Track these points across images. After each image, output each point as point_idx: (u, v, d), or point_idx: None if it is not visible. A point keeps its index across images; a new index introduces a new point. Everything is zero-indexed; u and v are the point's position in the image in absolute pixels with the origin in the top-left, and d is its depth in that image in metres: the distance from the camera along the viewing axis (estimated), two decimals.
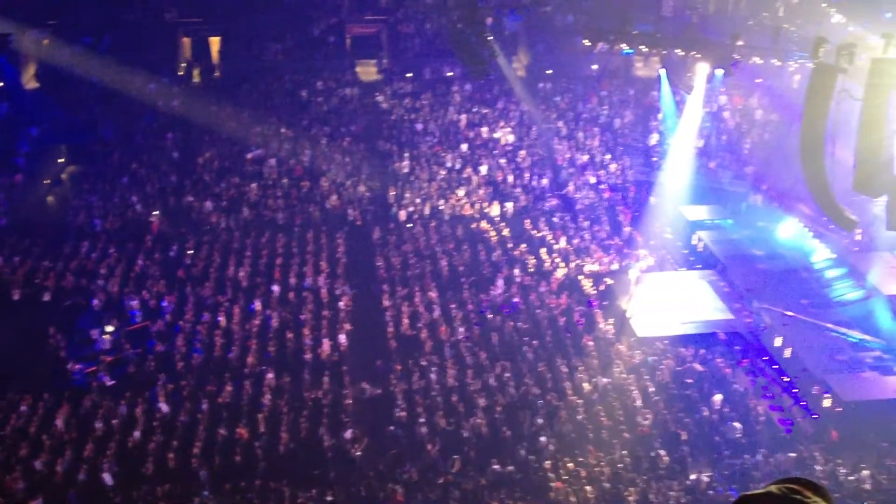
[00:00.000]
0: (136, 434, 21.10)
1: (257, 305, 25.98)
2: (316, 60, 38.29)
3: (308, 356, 23.98)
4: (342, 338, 24.88)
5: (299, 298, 26.56)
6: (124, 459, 20.44)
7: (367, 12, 39.66)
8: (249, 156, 33.76)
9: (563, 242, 30.07)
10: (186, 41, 38.75)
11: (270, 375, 23.04)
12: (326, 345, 24.40)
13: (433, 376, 23.26)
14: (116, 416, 21.69)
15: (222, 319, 25.29)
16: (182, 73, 38.22)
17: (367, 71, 39.39)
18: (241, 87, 37.09)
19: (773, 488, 2.51)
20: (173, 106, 35.41)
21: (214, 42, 38.83)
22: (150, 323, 25.21)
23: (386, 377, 23.30)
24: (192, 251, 28.80)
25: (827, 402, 22.57)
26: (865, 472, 20.27)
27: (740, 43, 25.59)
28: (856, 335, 25.34)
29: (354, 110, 37.06)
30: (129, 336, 24.76)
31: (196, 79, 38.20)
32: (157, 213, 30.71)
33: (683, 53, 29.18)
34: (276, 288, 26.91)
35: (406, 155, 34.27)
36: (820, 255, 29.52)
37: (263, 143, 34.31)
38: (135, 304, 25.82)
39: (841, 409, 22.49)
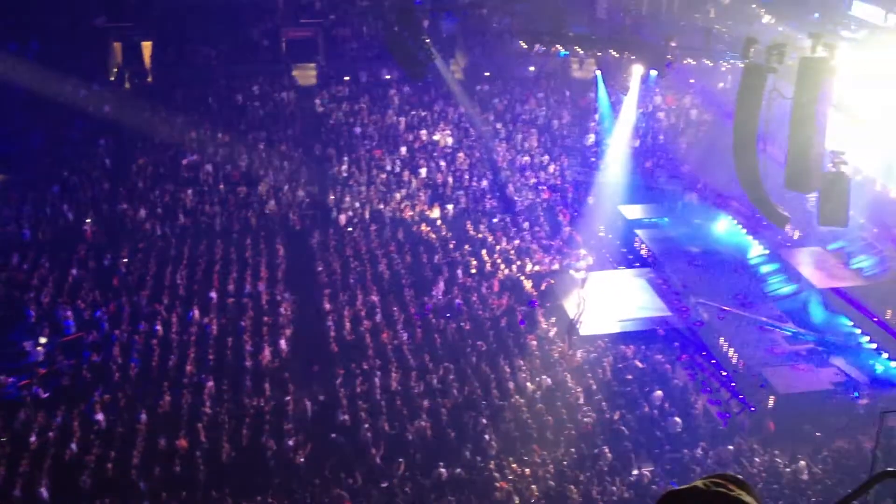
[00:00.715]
0: (73, 446, 20.57)
1: (196, 313, 25.55)
2: (251, 64, 37.88)
3: (249, 363, 23.66)
4: (283, 344, 24.61)
5: (239, 305, 26.20)
6: (61, 473, 19.90)
7: (303, 16, 39.39)
8: (185, 161, 33.22)
9: (503, 243, 30.21)
10: (117, 46, 38.00)
11: (210, 384, 22.66)
12: (267, 351, 24.11)
13: (376, 380, 23.13)
14: (52, 429, 21.13)
15: (160, 328, 24.81)
16: (113, 78, 37.47)
17: (304, 75, 39.11)
18: (175, 92, 36.49)
19: (698, 483, 2.65)
20: (105, 112, 34.66)
21: (146, 47, 38.16)
22: (85, 334, 24.62)
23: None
24: (126, 260, 28.19)
25: (770, 402, 23.02)
26: (802, 464, 20.71)
27: (673, 44, 25.97)
28: (790, 328, 25.93)
29: (292, 114, 36.75)
30: (64, 347, 24.14)
31: (128, 84, 37.49)
32: (90, 221, 30.02)
33: (618, 55, 29.53)
34: (214, 295, 26.50)
35: (345, 159, 34.09)
36: (754, 251, 30.14)
37: (199, 149, 33.80)
38: (69, 314, 25.18)
39: (777, 401, 22.98)
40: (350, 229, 31.01)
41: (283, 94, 37.51)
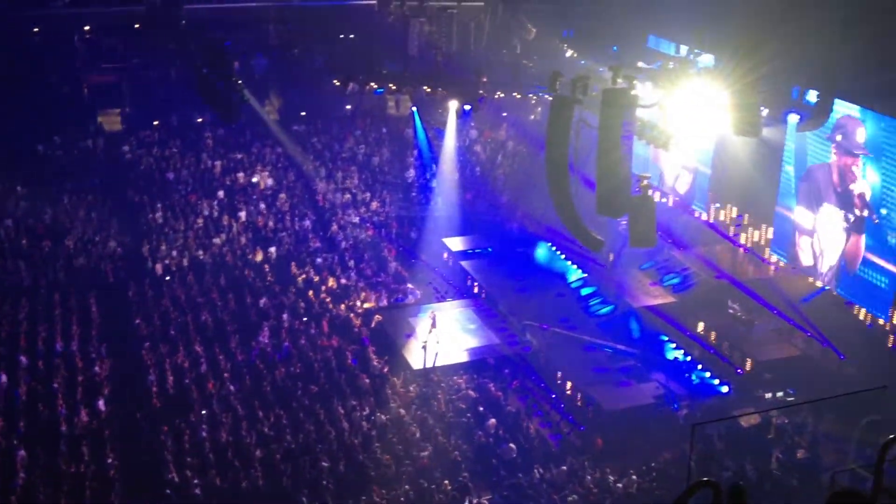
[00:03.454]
0: None
1: (3, 378, 23.72)
2: (52, 112, 35.87)
3: (64, 427, 22.14)
4: (101, 404, 23.22)
5: (50, 367, 24.53)
6: None
7: (104, 60, 37.77)
8: None
9: (330, 283, 29.92)
10: None
11: (22, 453, 21.03)
12: (84, 413, 22.66)
13: (204, 433, 22.19)
14: None
15: None
16: None
17: (111, 121, 37.49)
18: None
19: None
20: None
21: None
22: None
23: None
24: None
25: (598, 420, 23.75)
26: (633, 478, 21.44)
27: (484, 79, 26.73)
28: (612, 347, 26.95)
29: (99, 163, 35.08)
30: None
31: None
32: None
33: (432, 91, 30.06)
34: (23, 358, 24.70)
35: (158, 206, 32.84)
36: (573, 275, 31.25)
37: None
38: None
39: (604, 418, 23.77)
40: (168, 278, 29.83)
41: (89, 141, 35.79)
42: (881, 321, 22.81)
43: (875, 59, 19.45)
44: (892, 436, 4.41)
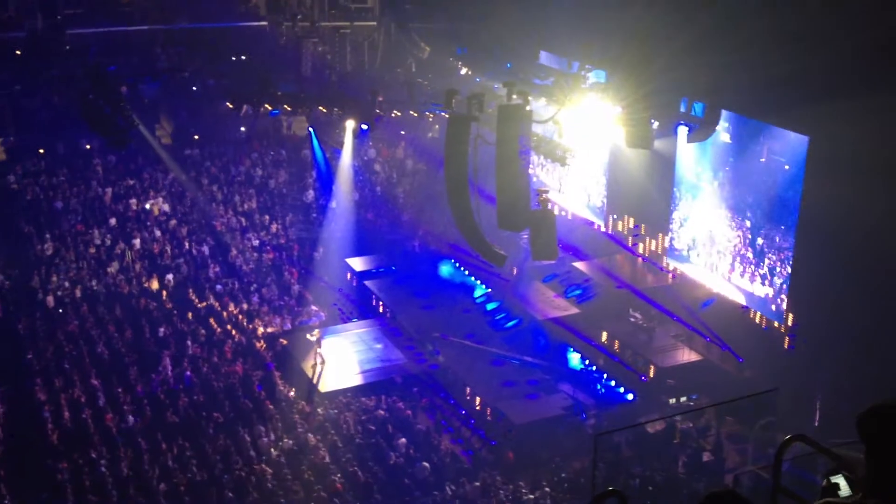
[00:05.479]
0: None
1: None
2: None
3: None
4: None
5: None
6: None
7: None
8: None
9: (231, 308, 29.33)
10: None
11: None
12: None
13: (104, 469, 21.36)
14: None
15: None
16: None
17: None
18: None
19: None
20: None
21: None
22: None
23: None
24: None
25: (509, 434, 23.86)
26: (547, 490, 21.60)
27: (380, 98, 26.67)
28: (520, 359, 27.15)
29: None
30: None
31: None
32: None
33: (328, 111, 29.85)
34: None
35: (47, 236, 31.62)
36: (478, 290, 31.41)
37: None
38: None
39: (514, 431, 23.89)
40: (61, 311, 28.72)
41: None
42: (776, 324, 23.63)
43: (759, 71, 20.23)
44: (788, 436, 4.52)
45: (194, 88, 36.88)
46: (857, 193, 18.64)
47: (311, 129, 35.45)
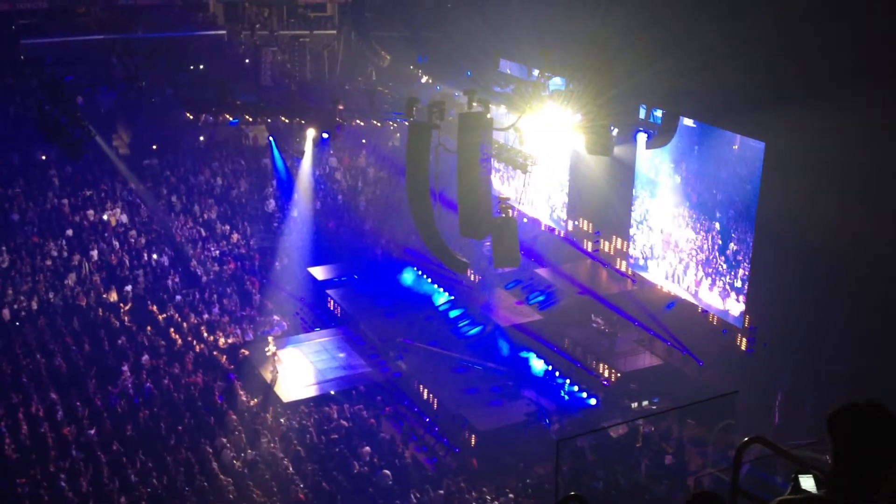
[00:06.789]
0: None
1: None
2: None
3: None
4: None
5: None
6: None
7: None
8: None
9: (192, 319, 29.04)
10: None
11: None
12: None
13: (63, 483, 21.02)
14: None
15: None
16: None
17: None
18: None
19: None
20: None
21: None
22: None
23: None
24: None
25: (472, 441, 23.89)
26: (511, 496, 21.64)
27: (340, 107, 26.63)
28: (483, 364, 27.21)
29: None
30: None
31: None
32: None
33: (288, 120, 29.76)
34: None
35: (3, 248, 31.09)
36: (440, 298, 31.44)
37: None
38: None
39: (478, 438, 23.93)
40: (17, 324, 28.26)
41: None
42: (734, 326, 23.94)
43: (716, 79, 20.56)
44: (746, 438, 4.60)
45: (153, 99, 36.52)
46: (811, 197, 19.00)
47: (271, 138, 35.30)
